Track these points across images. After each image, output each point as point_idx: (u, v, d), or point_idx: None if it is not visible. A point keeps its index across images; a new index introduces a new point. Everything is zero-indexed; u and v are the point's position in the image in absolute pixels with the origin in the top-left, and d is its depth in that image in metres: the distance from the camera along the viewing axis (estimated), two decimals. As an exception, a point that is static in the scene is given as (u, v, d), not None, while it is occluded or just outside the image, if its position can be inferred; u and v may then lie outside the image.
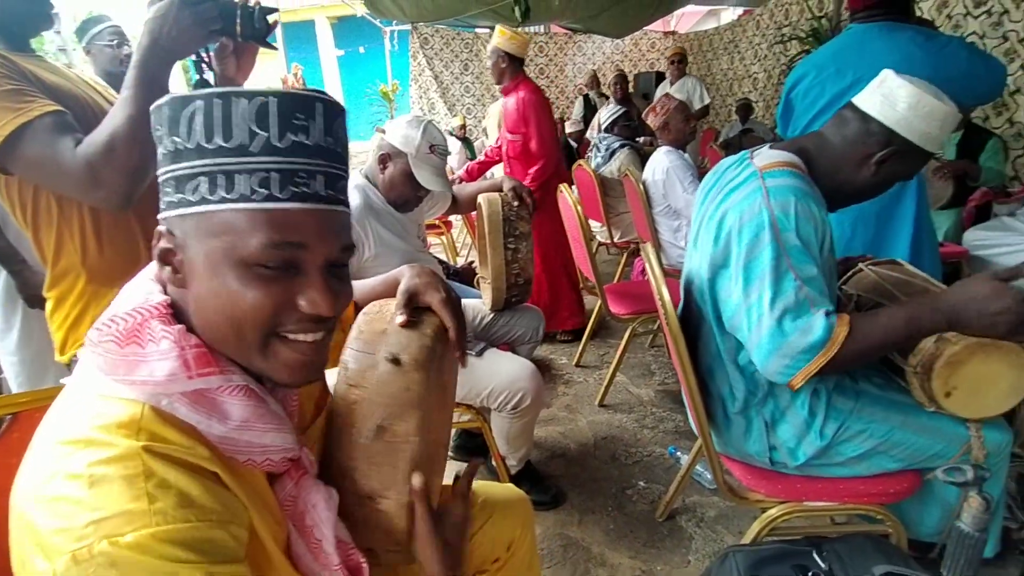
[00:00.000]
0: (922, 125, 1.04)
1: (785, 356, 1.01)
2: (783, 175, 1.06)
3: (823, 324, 0.98)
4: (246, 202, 0.52)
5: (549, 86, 9.05)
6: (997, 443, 1.15)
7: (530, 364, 1.63)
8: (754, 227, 1.04)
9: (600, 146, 3.68)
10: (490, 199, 1.82)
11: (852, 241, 1.92)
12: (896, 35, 1.80)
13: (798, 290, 1.00)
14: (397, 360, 0.72)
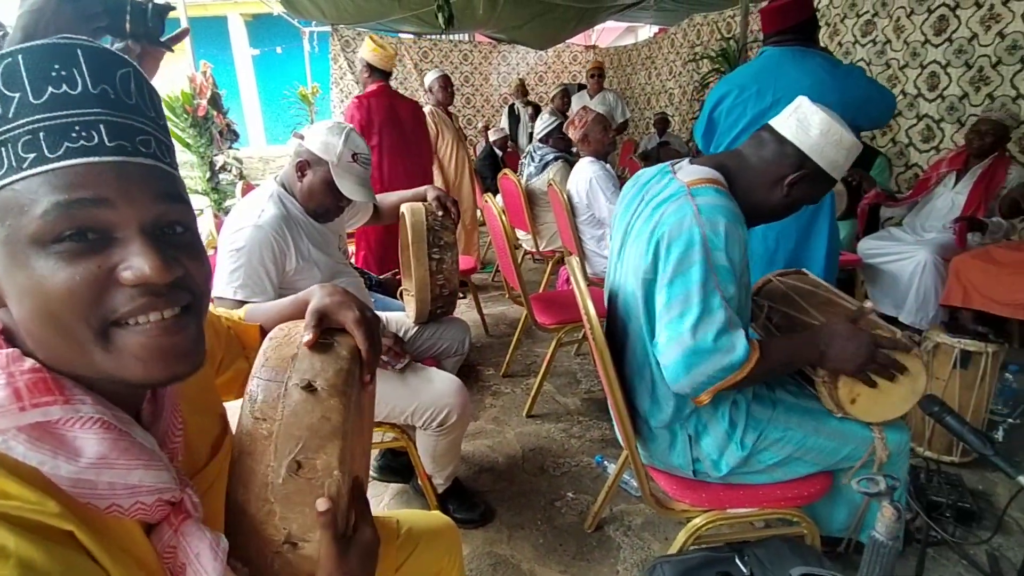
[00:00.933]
0: (831, 152, 1.11)
1: (702, 373, 1.05)
2: (711, 193, 1.09)
3: (743, 346, 1.04)
4: (16, 173, 0.44)
5: (474, 94, 9.06)
6: (897, 443, 1.24)
7: (456, 379, 1.59)
8: (684, 243, 1.06)
9: (534, 156, 3.70)
10: (413, 209, 1.77)
11: (776, 253, 2.05)
12: (807, 61, 1.95)
13: (723, 309, 1.03)
14: (311, 387, 0.65)
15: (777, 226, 1.94)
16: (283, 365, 0.67)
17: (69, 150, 0.45)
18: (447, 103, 4.02)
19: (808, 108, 1.12)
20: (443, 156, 4.01)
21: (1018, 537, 1.66)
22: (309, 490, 0.62)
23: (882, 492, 0.77)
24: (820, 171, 1.13)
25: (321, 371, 0.67)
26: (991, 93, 3.41)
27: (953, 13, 3.57)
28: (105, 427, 0.48)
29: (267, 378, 0.67)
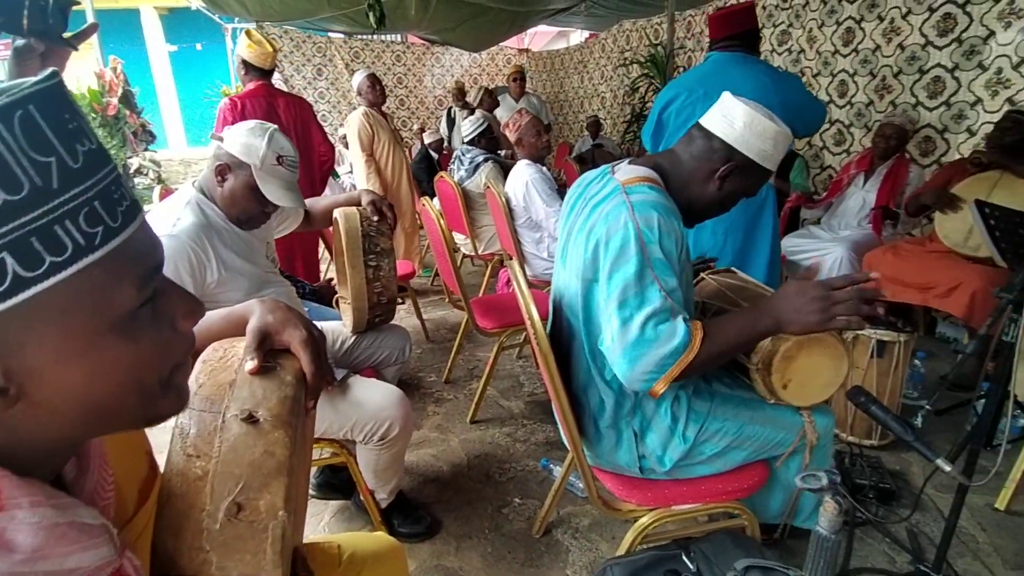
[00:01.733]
0: (758, 142, 1.14)
1: (648, 363, 1.03)
2: (644, 190, 1.10)
3: (683, 329, 1.02)
4: (92, 252, 0.38)
5: (408, 96, 8.93)
6: (825, 426, 1.31)
7: (397, 390, 1.53)
8: (620, 240, 1.06)
9: (463, 159, 3.65)
10: (347, 214, 1.70)
11: (724, 248, 2.19)
12: (751, 66, 2.11)
13: (664, 299, 1.03)
14: (253, 418, 0.59)
15: (725, 221, 2.08)
16: (220, 393, 0.61)
17: (123, 215, 0.41)
18: (379, 103, 3.91)
19: (731, 102, 1.15)
20: (379, 158, 3.91)
21: (933, 513, 1.78)
22: (251, 535, 0.56)
23: (824, 487, 0.80)
24: (750, 162, 1.15)
25: (264, 399, 0.60)
26: (893, 100, 3.68)
27: (859, 26, 3.83)
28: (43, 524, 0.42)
29: (201, 408, 0.60)
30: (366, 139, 3.81)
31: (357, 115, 3.84)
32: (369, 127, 3.80)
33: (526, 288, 1.17)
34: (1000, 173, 2.54)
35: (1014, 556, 1.61)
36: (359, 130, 3.78)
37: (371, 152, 3.86)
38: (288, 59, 7.92)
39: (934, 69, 3.42)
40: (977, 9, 3.14)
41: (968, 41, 3.21)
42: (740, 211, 2.12)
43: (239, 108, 2.80)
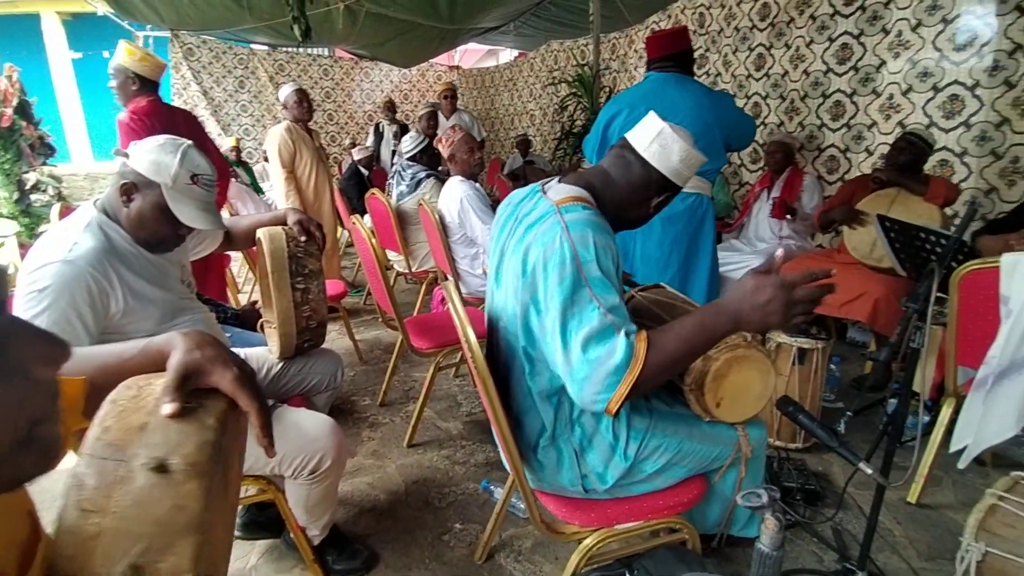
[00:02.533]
0: (686, 172, 1.22)
1: (596, 383, 1.00)
2: (578, 209, 1.11)
3: (624, 343, 0.99)
4: None
5: (337, 110, 8.74)
6: (758, 438, 1.35)
7: (328, 419, 1.45)
8: (557, 261, 1.05)
9: (404, 175, 3.59)
10: (272, 234, 1.61)
11: (670, 258, 2.34)
12: (688, 85, 2.28)
13: (602, 316, 1.02)
14: (164, 467, 0.51)
15: (672, 232, 2.29)
16: (128, 438, 0.53)
17: None
18: (305, 119, 3.78)
19: (669, 136, 1.19)
20: (301, 176, 3.77)
21: (855, 511, 1.88)
22: None
23: (765, 504, 0.81)
24: (667, 180, 1.22)
25: (179, 445, 0.53)
26: (801, 122, 3.95)
27: (769, 52, 4.09)
28: None
29: (103, 456, 0.52)
30: (287, 155, 3.66)
31: (279, 130, 3.68)
32: (291, 143, 3.66)
33: (462, 310, 1.14)
34: (897, 190, 2.76)
35: (927, 548, 1.72)
36: (280, 146, 3.63)
37: (292, 169, 3.71)
38: (207, 70, 7.57)
39: (835, 94, 3.70)
40: (870, 40, 3.44)
41: (863, 69, 3.50)
42: (684, 224, 2.32)
43: (147, 126, 2.59)
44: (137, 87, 2.68)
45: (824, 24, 3.67)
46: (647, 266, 2.37)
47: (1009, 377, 1.51)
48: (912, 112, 3.27)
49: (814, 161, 3.86)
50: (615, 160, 1.25)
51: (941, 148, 3.13)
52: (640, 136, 1.22)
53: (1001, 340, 1.52)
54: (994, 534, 1.30)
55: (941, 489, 2.00)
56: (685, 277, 2.36)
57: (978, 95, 2.96)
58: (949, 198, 2.65)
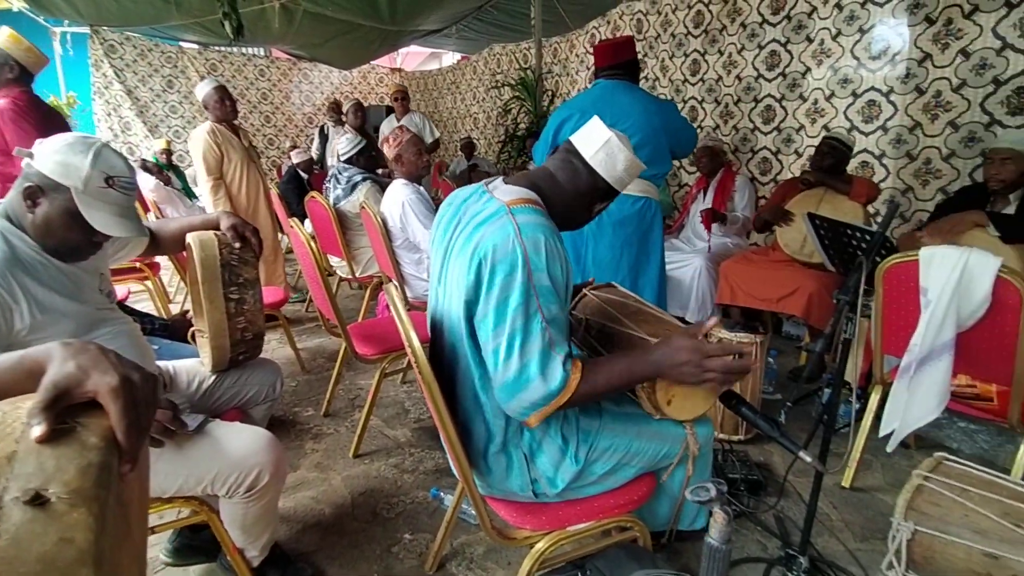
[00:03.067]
0: (628, 180, 1.24)
1: (525, 400, 1.06)
2: (530, 212, 1.09)
3: (561, 375, 1.05)
4: None
5: (274, 112, 8.45)
6: (705, 435, 1.37)
7: (265, 432, 1.37)
8: (507, 265, 1.04)
9: (340, 178, 3.48)
10: (203, 240, 1.52)
11: (621, 260, 2.39)
12: (636, 93, 2.37)
13: (543, 332, 1.04)
14: (40, 498, 0.45)
15: (622, 235, 2.36)
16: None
17: None
18: (229, 118, 3.47)
19: (616, 146, 1.20)
20: (231, 181, 3.49)
21: (795, 497, 1.95)
22: None
23: (713, 498, 0.82)
24: (609, 186, 1.25)
25: (57, 472, 0.47)
26: (735, 125, 4.11)
27: (703, 58, 4.24)
28: None
29: None
30: (213, 160, 3.39)
31: (201, 133, 3.37)
32: (216, 147, 3.38)
33: (405, 314, 1.10)
34: (824, 190, 2.91)
35: (862, 529, 1.81)
36: (204, 151, 3.35)
37: (220, 175, 3.44)
38: (131, 68, 7.16)
39: (766, 99, 3.87)
40: (796, 48, 3.61)
41: (791, 76, 3.68)
42: (634, 227, 2.39)
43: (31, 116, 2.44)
44: (14, 75, 2.56)
45: (754, 32, 3.83)
46: (599, 268, 2.41)
47: (929, 363, 1.61)
48: (835, 116, 3.46)
49: (748, 163, 4.02)
50: (561, 164, 1.24)
51: (862, 150, 3.32)
52: (586, 143, 1.22)
53: (921, 329, 1.61)
54: (921, 513, 1.37)
55: (872, 472, 2.10)
56: (636, 278, 2.41)
57: (893, 101, 3.16)
58: (871, 196, 2.81)
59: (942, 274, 1.58)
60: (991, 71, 2.73)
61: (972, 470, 1.43)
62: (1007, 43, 2.66)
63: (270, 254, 3.65)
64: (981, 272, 1.53)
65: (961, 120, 2.88)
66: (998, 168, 2.21)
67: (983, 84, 2.77)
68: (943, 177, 2.99)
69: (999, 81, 2.71)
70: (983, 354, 1.63)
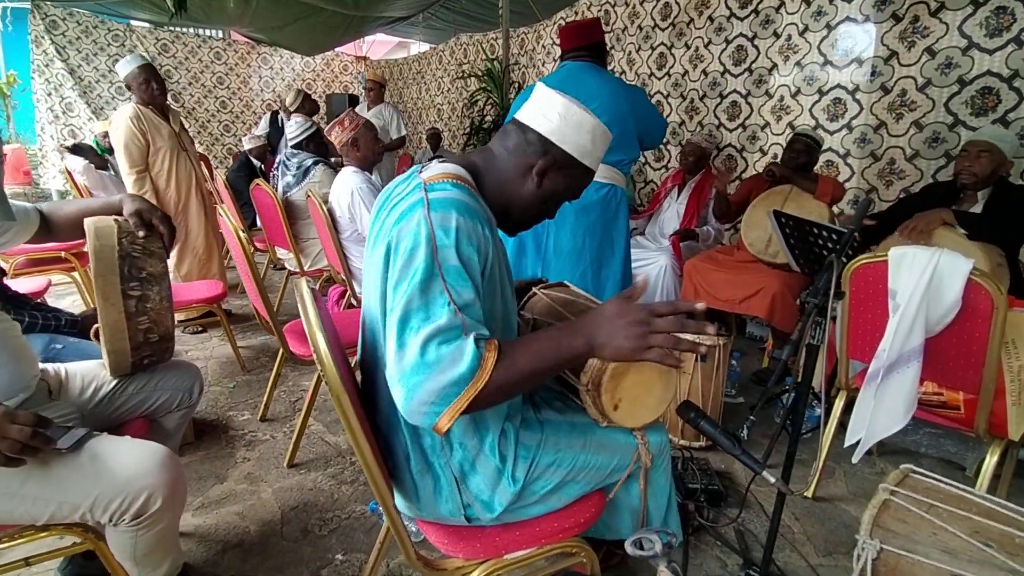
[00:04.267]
0: (574, 135, 1.03)
1: (430, 392, 0.84)
2: (447, 187, 0.94)
3: (472, 353, 0.84)
4: None
5: (231, 98, 8.09)
6: (658, 444, 1.24)
7: (159, 449, 1.18)
8: (410, 243, 0.88)
9: (289, 164, 3.27)
10: (99, 228, 1.32)
11: (584, 249, 2.25)
12: (603, 75, 2.23)
13: (452, 315, 0.86)
14: None
15: (585, 222, 2.21)
16: None
17: None
18: (156, 102, 3.04)
19: (546, 93, 1.05)
20: (158, 173, 3.08)
21: (756, 509, 1.86)
22: None
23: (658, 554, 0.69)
24: (568, 157, 1.04)
25: None
26: (701, 121, 4.04)
27: (670, 52, 4.15)
28: None
29: None
30: (137, 150, 2.97)
31: (123, 118, 2.93)
32: (140, 135, 2.96)
33: (312, 310, 0.94)
34: (790, 188, 2.84)
35: (824, 542, 1.72)
36: (126, 139, 2.93)
37: (145, 166, 3.03)
38: (74, 46, 6.75)
39: (732, 95, 3.80)
40: (763, 44, 3.55)
41: (757, 71, 3.62)
42: (598, 214, 2.25)
43: None
44: None
45: (721, 26, 3.76)
46: (560, 257, 2.27)
47: (897, 370, 1.52)
48: (801, 114, 3.41)
49: (713, 159, 3.95)
50: (497, 135, 1.09)
51: (827, 149, 3.28)
52: (523, 106, 1.07)
53: (890, 334, 1.53)
54: (887, 530, 1.28)
55: (834, 480, 2.03)
56: (599, 269, 2.28)
57: (858, 99, 3.12)
58: (836, 196, 2.76)
59: (912, 277, 1.50)
60: (956, 70, 2.70)
61: (940, 484, 1.35)
62: (973, 42, 2.63)
63: (203, 253, 3.33)
64: (952, 275, 1.45)
65: (926, 120, 2.85)
66: (972, 160, 2.15)
67: (948, 84, 2.74)
68: (907, 178, 2.96)
69: (964, 81, 2.68)
70: (951, 361, 1.55)
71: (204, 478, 1.99)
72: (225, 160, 7.85)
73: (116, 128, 2.96)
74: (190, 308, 2.99)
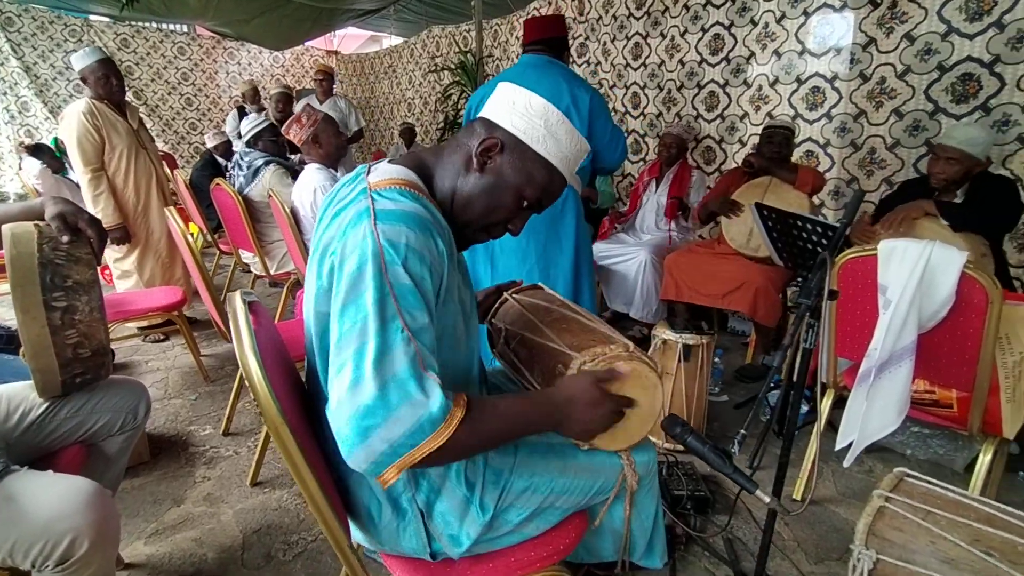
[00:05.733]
0: (522, 120, 0.92)
1: (383, 439, 0.73)
2: (395, 196, 0.83)
3: (440, 400, 0.75)
4: None
5: (197, 94, 7.82)
6: (646, 463, 1.14)
7: (86, 485, 1.05)
8: (357, 261, 0.77)
9: (242, 163, 3.10)
10: (16, 234, 1.18)
11: (528, 249, 2.17)
12: (552, 68, 2.15)
13: (407, 344, 0.75)
14: None
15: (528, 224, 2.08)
16: None
17: None
18: (113, 97, 2.87)
19: (503, 87, 0.95)
20: (114, 172, 2.90)
21: (744, 515, 1.78)
22: None
23: None
24: (515, 140, 0.92)
25: None
26: (679, 112, 3.96)
27: (645, 42, 4.06)
28: None
29: None
30: (91, 148, 2.77)
31: (75, 112, 2.76)
32: (93, 132, 2.77)
33: (244, 325, 0.82)
34: (769, 179, 2.77)
35: (815, 548, 1.65)
36: (79, 136, 2.74)
37: (100, 164, 2.84)
38: (30, 42, 6.46)
39: (709, 84, 3.73)
40: (740, 32, 3.48)
41: (735, 60, 3.54)
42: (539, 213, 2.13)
43: None
44: None
45: (697, 14, 3.68)
46: (506, 256, 2.20)
47: (889, 369, 1.45)
48: (779, 104, 3.35)
49: (692, 151, 3.88)
50: (460, 139, 0.97)
51: (806, 139, 3.22)
52: (494, 108, 0.95)
53: (881, 332, 1.45)
54: (884, 539, 1.21)
55: (823, 482, 1.96)
56: (546, 268, 2.19)
57: (837, 87, 3.06)
58: (816, 186, 2.70)
59: (903, 271, 1.42)
60: (936, 56, 2.65)
61: (936, 488, 1.28)
62: (952, 27, 2.58)
63: (166, 256, 3.16)
64: (945, 268, 1.38)
65: (905, 108, 2.80)
66: (943, 167, 2.09)
67: (928, 71, 2.69)
68: (887, 167, 2.92)
69: (944, 67, 2.64)
70: (943, 358, 1.49)
71: (159, 501, 1.86)
72: (192, 159, 7.59)
73: (67, 124, 2.77)
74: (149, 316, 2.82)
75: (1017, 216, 2.02)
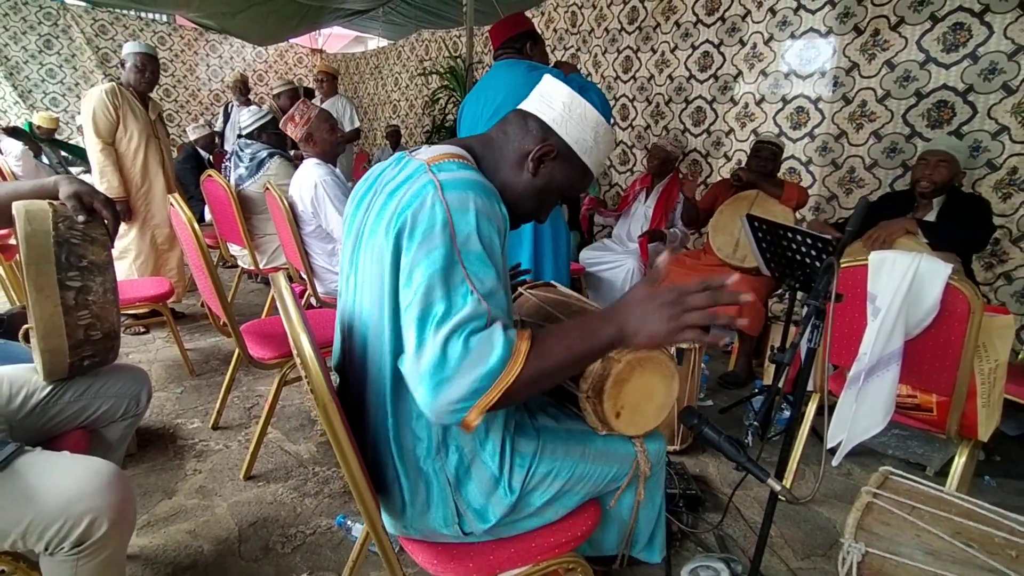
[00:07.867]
0: (576, 128, 0.97)
1: (459, 388, 0.77)
2: (454, 167, 0.87)
3: (503, 342, 0.78)
4: None
5: (176, 86, 7.68)
6: (657, 452, 1.19)
7: (105, 466, 1.04)
8: (426, 224, 0.80)
9: (242, 155, 3.07)
10: (31, 211, 1.17)
11: None
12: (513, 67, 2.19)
13: (476, 304, 0.78)
14: None
15: None
16: None
17: None
18: (141, 88, 3.04)
19: (552, 83, 1.00)
20: (124, 152, 3.01)
21: (734, 514, 1.84)
22: None
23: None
24: (568, 149, 0.97)
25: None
26: (666, 125, 4.07)
27: (636, 56, 4.17)
28: None
29: None
30: (104, 124, 2.89)
31: (98, 91, 2.92)
32: (110, 110, 2.88)
33: (295, 311, 0.84)
34: (756, 193, 2.88)
35: (802, 545, 1.72)
36: (96, 110, 2.87)
37: (112, 141, 2.95)
38: (1, 23, 6.25)
39: (697, 100, 3.84)
40: (728, 51, 3.60)
41: (722, 78, 3.67)
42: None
43: None
44: None
45: (688, 32, 3.80)
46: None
47: (877, 374, 1.53)
48: (764, 121, 3.47)
49: (679, 164, 3.98)
50: (497, 124, 1.02)
51: (789, 156, 3.35)
52: (538, 100, 1.00)
53: (870, 338, 1.53)
54: (872, 533, 1.28)
55: (806, 482, 2.04)
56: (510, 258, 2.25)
57: (820, 108, 3.20)
58: (801, 202, 2.81)
59: (893, 281, 1.51)
60: (914, 83, 2.80)
61: (919, 485, 1.35)
62: (930, 56, 2.73)
63: (163, 243, 3.18)
64: (932, 279, 1.47)
65: (884, 131, 2.94)
66: (932, 170, 2.23)
67: (906, 96, 2.84)
68: (866, 186, 3.06)
69: (921, 94, 2.79)
70: (926, 364, 1.58)
71: (149, 493, 1.82)
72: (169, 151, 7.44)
73: (88, 100, 2.92)
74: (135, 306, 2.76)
75: (990, 234, 2.15)
